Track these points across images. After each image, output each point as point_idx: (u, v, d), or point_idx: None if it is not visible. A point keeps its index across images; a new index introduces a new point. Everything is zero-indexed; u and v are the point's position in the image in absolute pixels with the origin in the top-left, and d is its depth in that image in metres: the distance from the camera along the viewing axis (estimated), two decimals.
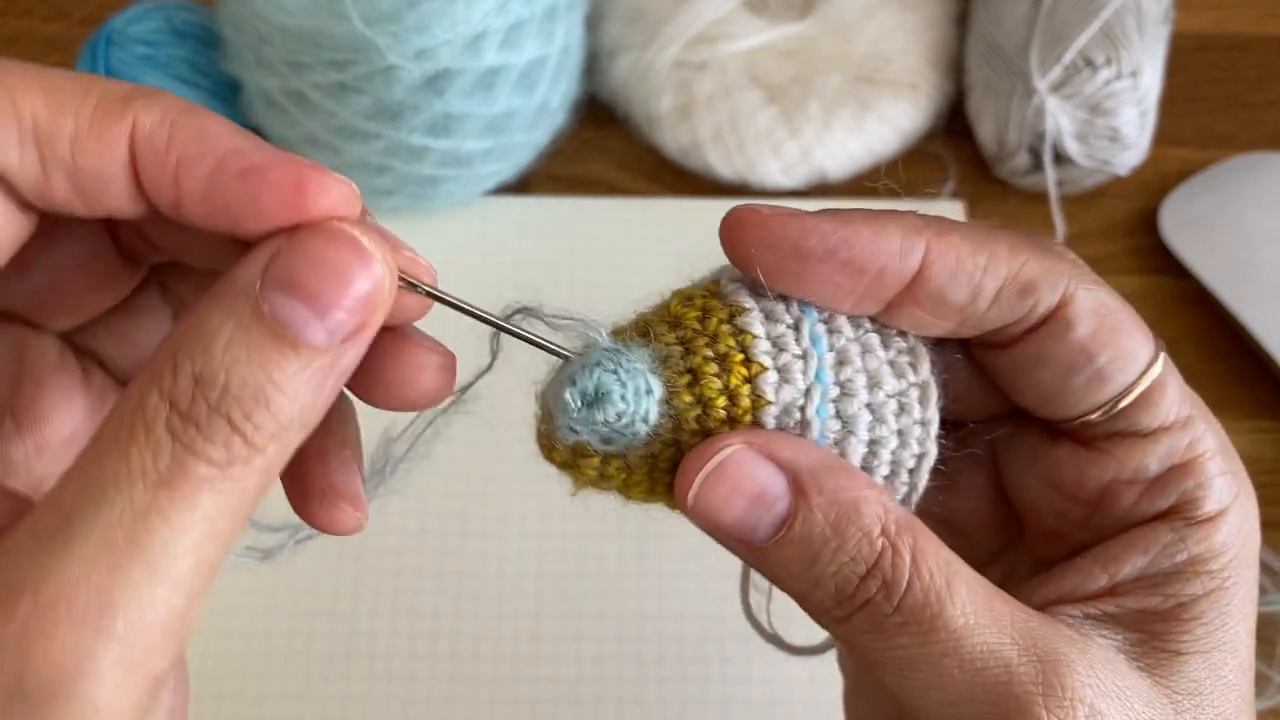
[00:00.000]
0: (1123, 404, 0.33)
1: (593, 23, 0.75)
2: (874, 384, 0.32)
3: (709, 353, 0.31)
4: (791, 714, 0.58)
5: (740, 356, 0.31)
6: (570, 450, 0.31)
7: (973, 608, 0.29)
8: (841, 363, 0.32)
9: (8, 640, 0.23)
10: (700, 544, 0.60)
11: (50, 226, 0.29)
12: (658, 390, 0.30)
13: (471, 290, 0.32)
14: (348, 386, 0.32)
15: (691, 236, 0.73)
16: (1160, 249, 0.72)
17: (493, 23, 0.61)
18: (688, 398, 0.31)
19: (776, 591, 0.37)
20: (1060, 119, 0.69)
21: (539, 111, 0.68)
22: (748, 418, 0.31)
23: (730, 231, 0.32)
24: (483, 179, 0.70)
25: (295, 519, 0.33)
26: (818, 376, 0.31)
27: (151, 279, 0.35)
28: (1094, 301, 0.33)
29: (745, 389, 0.31)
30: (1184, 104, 0.79)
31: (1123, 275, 0.72)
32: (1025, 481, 0.37)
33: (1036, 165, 0.72)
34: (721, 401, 0.31)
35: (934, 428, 0.33)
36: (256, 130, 0.69)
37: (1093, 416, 0.34)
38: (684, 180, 0.75)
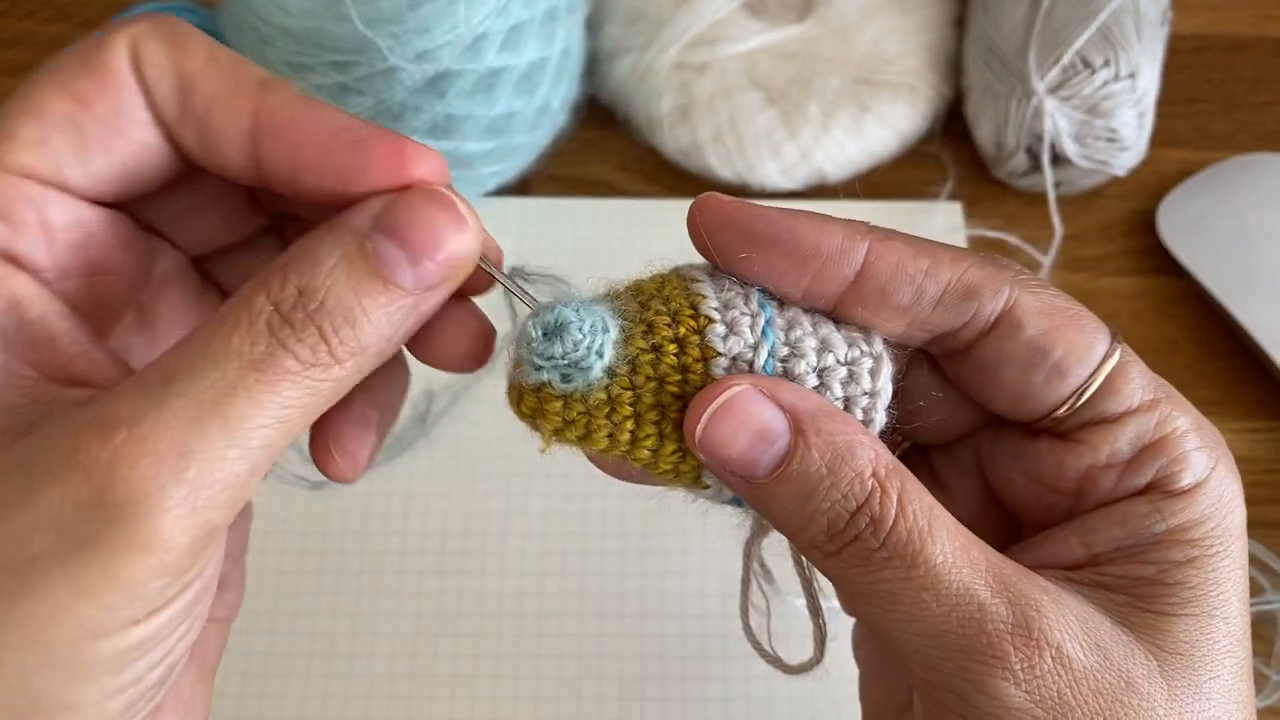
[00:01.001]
0: (1087, 394, 0.35)
1: (593, 25, 0.76)
2: (825, 348, 0.34)
3: (662, 308, 0.34)
4: (791, 713, 0.58)
5: (690, 311, 0.34)
6: (535, 395, 0.34)
7: (951, 549, 0.32)
8: (791, 326, 0.35)
9: (101, 460, 0.27)
10: (701, 544, 0.60)
11: (198, 170, 0.35)
12: (613, 330, 0.33)
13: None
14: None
15: None
16: (1158, 249, 0.72)
17: (493, 24, 0.62)
18: (642, 343, 0.34)
19: (774, 612, 0.41)
20: (1058, 120, 0.70)
21: (539, 113, 0.68)
22: (699, 366, 0.34)
23: (693, 215, 0.35)
24: (484, 180, 0.70)
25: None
26: (765, 333, 0.34)
27: (272, 224, 0.40)
28: (1040, 302, 0.35)
29: (694, 339, 0.34)
30: (1182, 105, 0.79)
31: (1121, 276, 0.72)
32: (1012, 480, 0.38)
33: (1035, 166, 0.72)
34: (672, 348, 0.34)
35: (882, 400, 0.35)
36: None
37: (1061, 411, 0.35)
38: (684, 181, 0.76)
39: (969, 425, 0.39)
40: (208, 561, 0.30)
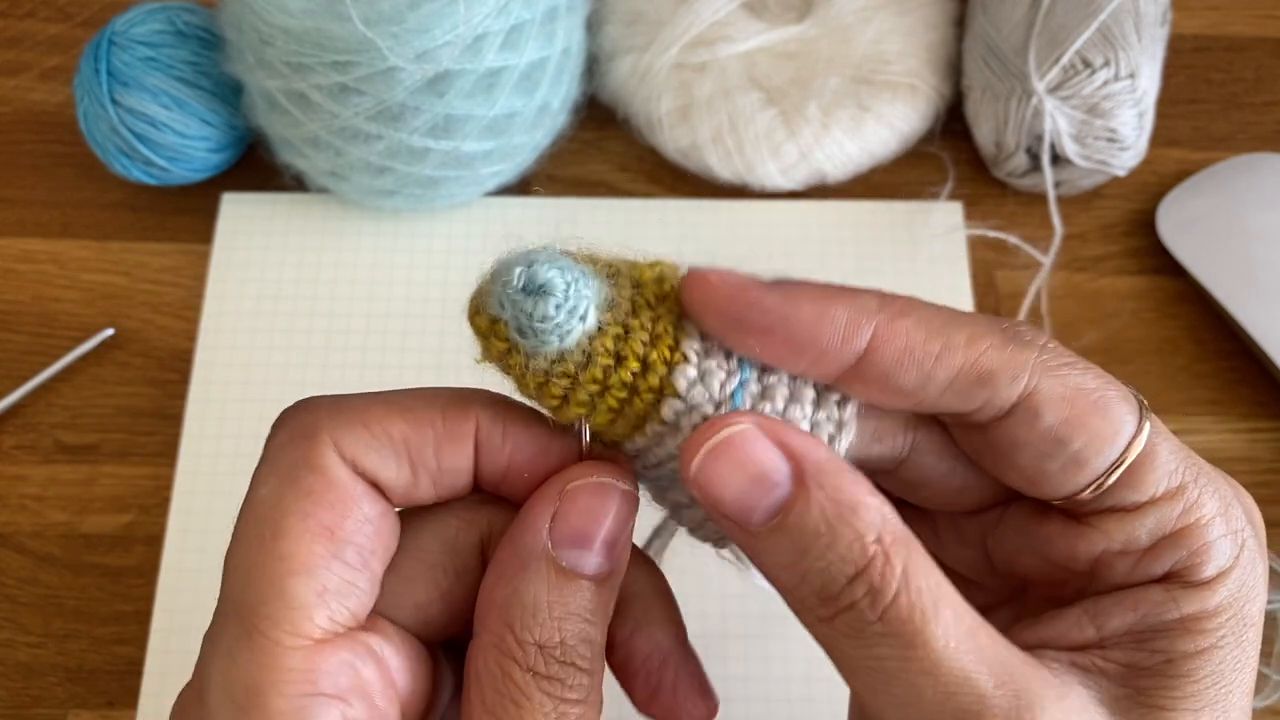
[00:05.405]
0: (1106, 485, 0.33)
1: (593, 25, 0.76)
2: None
3: (648, 322, 0.32)
4: (790, 713, 0.58)
5: (670, 341, 0.32)
6: (489, 322, 0.32)
7: (955, 633, 0.29)
8: (764, 397, 0.32)
9: None
10: (700, 543, 0.60)
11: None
12: (590, 321, 0.31)
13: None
14: None
15: (691, 238, 0.74)
16: (1158, 249, 0.72)
17: (493, 24, 0.62)
18: (610, 344, 0.32)
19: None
20: (1058, 120, 0.70)
21: (539, 113, 0.68)
22: (649, 396, 0.32)
23: (685, 292, 0.33)
24: (484, 180, 0.70)
25: None
26: (733, 396, 0.32)
27: None
28: (1063, 388, 0.32)
29: (661, 369, 0.32)
30: (1181, 105, 0.79)
31: (1120, 276, 0.72)
32: (1018, 558, 0.36)
33: (1034, 166, 0.72)
34: (634, 365, 0.32)
35: None
36: (259, 132, 0.69)
37: (1081, 496, 0.33)
38: (684, 182, 0.76)
39: (977, 504, 0.37)
40: None
